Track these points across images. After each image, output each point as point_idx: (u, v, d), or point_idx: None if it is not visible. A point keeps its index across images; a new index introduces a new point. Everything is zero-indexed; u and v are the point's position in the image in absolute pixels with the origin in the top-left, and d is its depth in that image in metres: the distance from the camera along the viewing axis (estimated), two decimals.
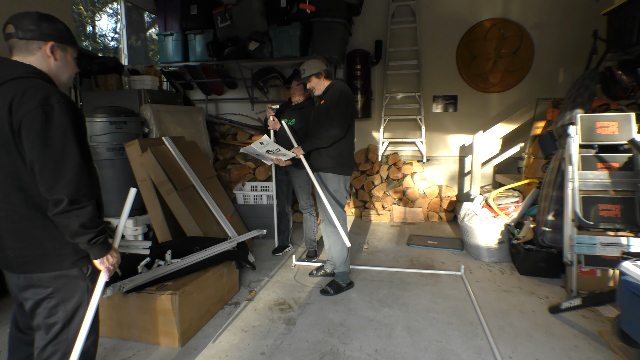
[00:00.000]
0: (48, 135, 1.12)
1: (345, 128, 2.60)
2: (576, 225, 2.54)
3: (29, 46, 1.21)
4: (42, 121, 1.12)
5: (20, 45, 1.20)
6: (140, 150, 3.00)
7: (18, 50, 1.22)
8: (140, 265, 2.25)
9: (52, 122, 1.13)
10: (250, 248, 3.55)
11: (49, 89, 1.16)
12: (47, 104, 1.13)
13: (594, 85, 3.00)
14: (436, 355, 2.01)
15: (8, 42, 1.22)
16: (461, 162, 4.90)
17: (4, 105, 1.12)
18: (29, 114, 1.11)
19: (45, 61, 1.24)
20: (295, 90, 3.22)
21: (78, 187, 1.17)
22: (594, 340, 2.12)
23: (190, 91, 5.51)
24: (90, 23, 7.08)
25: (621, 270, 1.78)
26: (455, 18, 4.66)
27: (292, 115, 3.25)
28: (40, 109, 1.12)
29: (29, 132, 1.12)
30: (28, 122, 1.11)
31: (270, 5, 4.32)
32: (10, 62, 1.21)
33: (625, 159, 2.60)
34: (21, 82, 1.15)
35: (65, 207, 1.15)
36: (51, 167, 1.13)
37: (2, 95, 1.14)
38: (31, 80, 1.17)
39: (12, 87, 1.14)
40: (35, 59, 1.22)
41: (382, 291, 2.75)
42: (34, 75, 1.19)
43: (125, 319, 2.14)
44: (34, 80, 1.17)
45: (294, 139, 3.00)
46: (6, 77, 1.16)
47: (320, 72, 2.67)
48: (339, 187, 2.67)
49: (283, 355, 2.03)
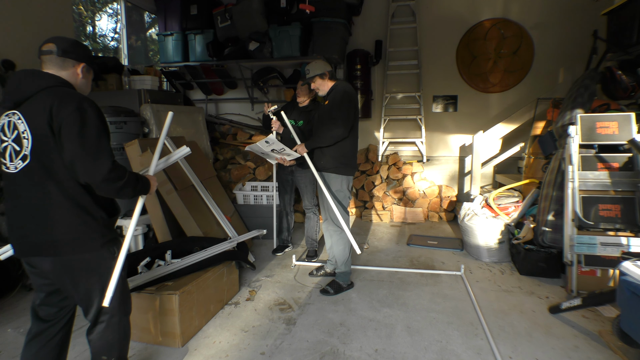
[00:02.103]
0: (85, 133, 1.37)
1: (349, 128, 2.59)
2: (576, 225, 2.54)
3: (64, 63, 1.48)
4: (79, 122, 1.36)
5: (56, 61, 1.47)
6: (140, 150, 3.00)
7: (52, 64, 1.47)
8: (140, 265, 2.25)
9: (87, 123, 1.38)
10: (250, 248, 3.55)
11: (79, 96, 1.42)
12: (81, 107, 1.38)
13: (594, 85, 3.00)
14: (436, 355, 2.01)
15: (43, 57, 1.48)
16: (461, 162, 4.90)
17: (44, 110, 1.36)
18: (68, 117, 1.35)
19: (74, 77, 1.52)
20: (301, 91, 3.20)
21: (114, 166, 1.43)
22: (594, 340, 2.12)
23: (190, 91, 5.51)
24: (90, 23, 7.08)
25: (621, 270, 1.78)
26: (455, 18, 4.66)
27: (299, 117, 3.23)
28: (77, 112, 1.36)
29: (69, 132, 1.36)
30: (68, 124, 1.36)
31: (270, 5, 4.32)
32: (42, 73, 1.45)
33: (626, 159, 2.60)
34: (55, 90, 1.41)
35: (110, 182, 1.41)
36: (91, 157, 1.38)
37: (40, 101, 1.38)
38: (62, 88, 1.43)
39: (49, 95, 1.39)
40: (66, 73, 1.49)
41: (382, 291, 2.75)
42: (62, 84, 1.45)
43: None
44: (64, 88, 1.44)
45: (298, 139, 2.99)
46: (41, 86, 1.41)
47: (325, 72, 2.67)
48: (341, 187, 2.67)
49: (283, 355, 2.03)
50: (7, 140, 1.43)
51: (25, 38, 3.34)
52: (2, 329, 2.32)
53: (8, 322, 2.39)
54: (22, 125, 1.40)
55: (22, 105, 1.41)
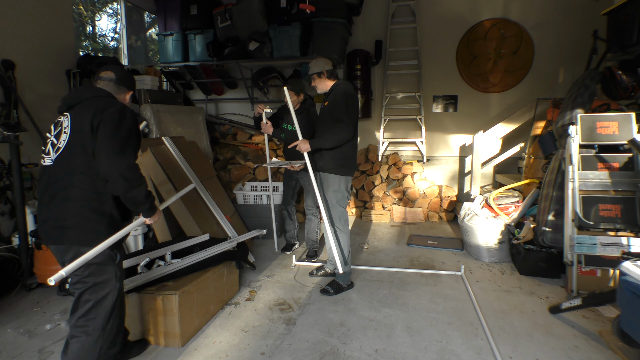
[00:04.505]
0: (118, 129, 1.52)
1: (354, 129, 2.59)
2: (576, 225, 2.54)
3: (119, 90, 1.75)
4: (117, 119, 1.54)
5: (112, 87, 1.72)
6: (140, 150, 3.00)
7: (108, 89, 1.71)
8: (140, 266, 2.24)
9: (123, 122, 1.55)
10: (250, 248, 3.55)
11: (123, 104, 1.66)
12: (122, 110, 1.58)
13: (594, 85, 2.99)
14: (436, 355, 2.01)
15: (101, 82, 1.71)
16: (461, 162, 4.90)
17: (89, 112, 1.54)
18: (109, 115, 1.53)
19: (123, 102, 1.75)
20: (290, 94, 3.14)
21: (134, 165, 1.55)
22: (594, 340, 2.12)
23: (190, 91, 5.51)
24: (90, 23, 7.07)
25: (621, 270, 1.78)
26: (455, 18, 4.66)
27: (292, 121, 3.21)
28: (117, 112, 1.56)
29: (105, 126, 1.51)
30: (107, 119, 1.52)
31: (270, 5, 4.32)
32: (95, 87, 1.71)
33: (626, 159, 2.60)
34: (103, 98, 1.63)
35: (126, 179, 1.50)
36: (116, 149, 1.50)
37: (89, 105, 1.57)
38: (110, 98, 1.67)
39: (98, 101, 1.60)
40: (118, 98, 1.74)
41: (382, 291, 2.75)
42: (109, 96, 1.69)
43: (126, 319, 2.14)
44: (111, 98, 1.67)
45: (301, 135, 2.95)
46: (93, 94, 1.64)
47: (322, 71, 2.65)
48: (339, 187, 2.66)
49: (283, 355, 2.02)
50: (50, 137, 1.60)
51: (26, 38, 3.34)
52: (2, 329, 2.32)
53: (8, 322, 2.39)
54: (66, 121, 1.57)
55: (73, 107, 1.60)
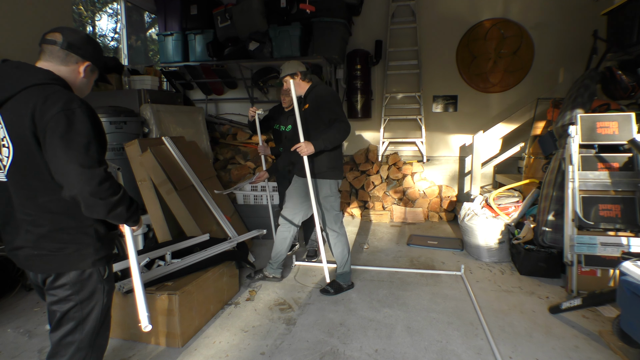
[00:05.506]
0: (71, 138, 1.14)
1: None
2: (576, 225, 2.54)
3: (67, 58, 1.27)
4: (65, 125, 1.14)
5: (58, 54, 1.26)
6: (140, 150, 3.00)
7: (52, 56, 1.26)
8: (140, 265, 2.24)
9: (75, 126, 1.15)
10: (250, 248, 3.55)
11: (68, 95, 1.19)
12: (68, 108, 1.15)
13: (594, 85, 3.00)
14: (436, 355, 2.01)
15: (44, 46, 1.26)
16: (461, 162, 4.90)
17: (26, 112, 1.14)
18: (52, 120, 1.13)
19: (74, 74, 1.30)
20: (285, 95, 3.11)
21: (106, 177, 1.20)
22: (594, 340, 2.12)
23: (190, 91, 5.51)
24: (90, 23, 7.08)
25: (621, 270, 1.78)
26: (455, 18, 4.66)
27: (287, 122, 3.17)
28: (62, 114, 1.14)
29: (52, 137, 1.13)
30: (52, 128, 1.13)
31: (270, 5, 4.32)
32: (29, 67, 1.23)
33: (626, 159, 2.60)
34: (42, 88, 1.17)
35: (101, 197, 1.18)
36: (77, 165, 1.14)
37: (24, 101, 1.15)
38: (51, 86, 1.19)
39: (34, 93, 1.16)
40: (66, 69, 1.28)
41: (382, 291, 2.75)
42: (53, 81, 1.21)
43: (126, 319, 2.14)
44: (54, 86, 1.20)
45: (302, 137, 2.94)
46: (27, 83, 1.18)
47: (296, 72, 2.55)
48: (331, 191, 2.63)
49: (283, 355, 2.02)
50: None
51: (25, 38, 3.33)
52: (2, 329, 2.32)
53: (8, 322, 2.39)
54: (1, 130, 1.18)
55: (4, 105, 1.18)
